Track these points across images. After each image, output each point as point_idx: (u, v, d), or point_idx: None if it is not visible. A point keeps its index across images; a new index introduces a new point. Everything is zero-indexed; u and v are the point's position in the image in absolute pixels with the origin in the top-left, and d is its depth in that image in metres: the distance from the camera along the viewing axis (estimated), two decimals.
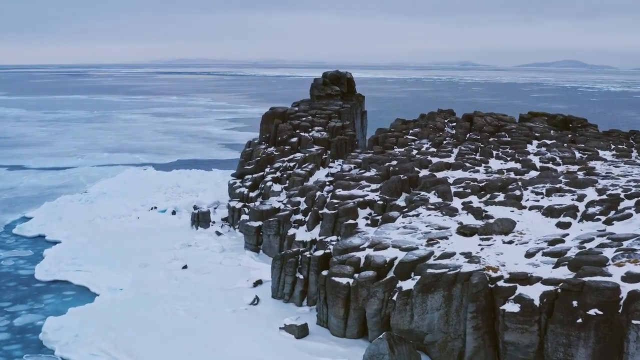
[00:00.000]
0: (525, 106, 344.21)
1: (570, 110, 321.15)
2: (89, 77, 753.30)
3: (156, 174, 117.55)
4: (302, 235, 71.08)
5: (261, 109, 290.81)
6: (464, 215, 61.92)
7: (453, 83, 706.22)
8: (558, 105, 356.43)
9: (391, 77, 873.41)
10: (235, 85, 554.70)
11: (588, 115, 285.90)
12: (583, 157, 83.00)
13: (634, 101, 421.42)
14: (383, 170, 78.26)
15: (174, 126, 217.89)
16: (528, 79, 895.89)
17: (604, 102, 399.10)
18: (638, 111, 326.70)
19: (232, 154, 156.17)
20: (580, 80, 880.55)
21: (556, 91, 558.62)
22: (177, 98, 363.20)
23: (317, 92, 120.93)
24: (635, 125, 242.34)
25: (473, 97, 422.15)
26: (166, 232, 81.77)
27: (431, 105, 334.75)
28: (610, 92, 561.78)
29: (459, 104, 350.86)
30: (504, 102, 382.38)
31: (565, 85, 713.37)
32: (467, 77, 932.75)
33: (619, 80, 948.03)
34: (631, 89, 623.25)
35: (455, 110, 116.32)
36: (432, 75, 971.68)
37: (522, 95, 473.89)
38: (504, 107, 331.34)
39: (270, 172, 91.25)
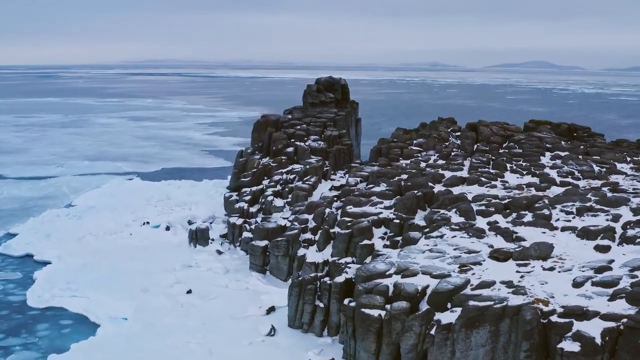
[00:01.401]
0: (504, 109, 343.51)
1: (550, 113, 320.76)
2: (59, 78, 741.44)
3: (143, 185, 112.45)
4: (313, 256, 66.69)
5: (239, 113, 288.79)
6: (493, 237, 57.95)
7: (427, 85, 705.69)
8: (537, 108, 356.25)
9: (364, 78, 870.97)
10: (208, 87, 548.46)
11: (569, 119, 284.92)
12: (602, 170, 79.53)
13: (610, 103, 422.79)
14: (394, 185, 74.12)
15: (153, 131, 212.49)
16: (500, 80, 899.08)
17: (581, 105, 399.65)
18: (617, 114, 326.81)
19: (218, 162, 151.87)
20: (552, 82, 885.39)
21: (531, 93, 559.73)
22: (152, 101, 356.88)
23: (310, 99, 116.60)
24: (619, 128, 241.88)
25: (450, 100, 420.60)
26: (163, 251, 77.02)
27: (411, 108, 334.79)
28: (584, 93, 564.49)
29: (437, 107, 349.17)
30: (482, 104, 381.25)
31: (538, 86, 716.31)
32: (439, 79, 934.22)
33: (590, 81, 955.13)
34: (604, 91, 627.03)
35: (436, 114, 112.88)
36: (405, 77, 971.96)
37: (498, 97, 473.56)
38: (483, 110, 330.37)
39: (270, 186, 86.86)
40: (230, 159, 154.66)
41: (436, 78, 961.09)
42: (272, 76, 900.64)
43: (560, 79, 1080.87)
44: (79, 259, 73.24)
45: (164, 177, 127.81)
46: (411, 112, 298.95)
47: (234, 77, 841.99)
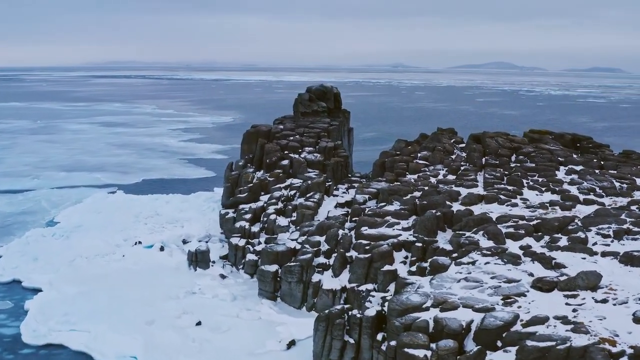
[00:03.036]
0: (477, 112, 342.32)
1: (523, 116, 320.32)
2: (21, 81, 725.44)
3: (128, 200, 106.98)
4: (329, 282, 62.63)
5: (212, 118, 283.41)
6: (529, 263, 54.25)
7: (393, 87, 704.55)
8: (509, 111, 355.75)
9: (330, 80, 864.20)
10: (175, 91, 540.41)
11: (544, 122, 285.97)
12: (622, 186, 76.30)
13: (579, 106, 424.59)
14: (409, 204, 70.15)
15: (127, 138, 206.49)
16: (465, 82, 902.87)
17: (551, 107, 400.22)
18: (590, 117, 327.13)
19: (200, 172, 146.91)
20: (517, 83, 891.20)
21: (499, 95, 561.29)
22: (120, 105, 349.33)
23: (302, 108, 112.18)
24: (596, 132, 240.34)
25: (420, 103, 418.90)
26: (162, 275, 72.15)
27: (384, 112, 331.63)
28: (552, 95, 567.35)
29: (409, 110, 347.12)
30: (453, 108, 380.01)
31: (504, 88, 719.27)
32: (405, 80, 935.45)
33: (553, 82, 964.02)
34: (570, 92, 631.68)
35: (410, 117, 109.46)
36: (370, 79, 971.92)
37: (467, 100, 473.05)
38: (457, 114, 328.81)
39: (270, 203, 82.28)
40: (212, 168, 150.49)
41: (401, 80, 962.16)
42: (237, 78, 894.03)
43: (524, 80, 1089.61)
44: (73, 286, 67.99)
45: (146, 189, 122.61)
46: (384, 116, 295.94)
47: (198, 80, 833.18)
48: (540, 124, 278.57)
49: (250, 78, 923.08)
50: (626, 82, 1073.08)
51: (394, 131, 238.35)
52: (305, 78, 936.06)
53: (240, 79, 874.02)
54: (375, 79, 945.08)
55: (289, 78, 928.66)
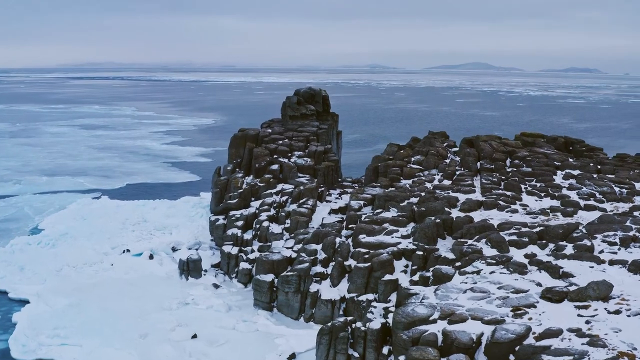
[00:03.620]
0: (458, 114, 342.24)
1: (504, 117, 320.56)
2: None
3: (114, 206, 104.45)
4: (328, 292, 61.01)
5: (193, 120, 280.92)
6: (536, 272, 52.86)
7: (373, 88, 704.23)
8: (490, 112, 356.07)
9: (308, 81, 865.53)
10: (154, 92, 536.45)
11: (526, 123, 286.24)
12: (622, 191, 75.19)
13: (560, 106, 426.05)
14: (407, 211, 68.61)
15: (108, 141, 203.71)
16: (444, 83, 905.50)
17: (532, 108, 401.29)
18: (571, 118, 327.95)
19: (184, 176, 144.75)
20: (495, 84, 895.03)
21: (478, 96, 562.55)
22: (100, 107, 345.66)
23: (291, 111, 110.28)
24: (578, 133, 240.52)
25: (401, 104, 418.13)
26: (153, 284, 70.20)
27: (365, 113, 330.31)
28: (531, 96, 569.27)
29: (391, 111, 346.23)
30: (434, 109, 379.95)
31: (483, 89, 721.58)
32: (384, 81, 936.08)
33: (531, 83, 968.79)
34: (549, 93, 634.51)
35: (392, 119, 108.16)
36: (349, 79, 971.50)
37: (447, 101, 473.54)
38: (439, 115, 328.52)
39: (262, 209, 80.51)
40: (197, 171, 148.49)
41: (380, 81, 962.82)
42: (215, 80, 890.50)
43: (502, 80, 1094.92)
44: (62, 297, 65.77)
45: (131, 194, 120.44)
46: (366, 118, 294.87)
47: (177, 81, 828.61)
48: (522, 125, 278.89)
49: (229, 79, 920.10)
50: (603, 83, 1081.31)
51: (377, 133, 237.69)
52: (284, 79, 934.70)
53: (219, 80, 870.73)
54: (354, 80, 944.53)
55: (267, 79, 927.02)
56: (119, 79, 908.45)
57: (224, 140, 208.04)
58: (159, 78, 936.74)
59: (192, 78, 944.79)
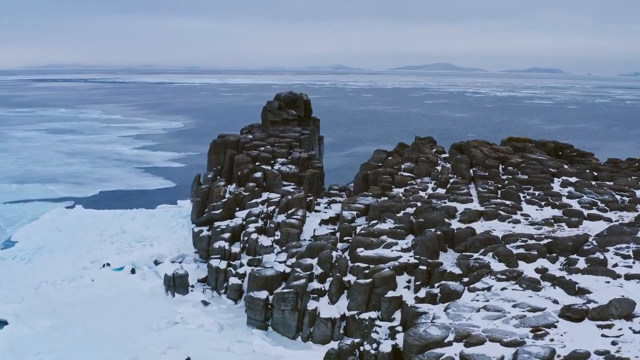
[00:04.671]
0: (428, 115, 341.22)
1: (475, 119, 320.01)
2: None
3: (90, 216, 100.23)
4: (327, 310, 57.93)
5: (161, 123, 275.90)
6: (550, 288, 50.35)
7: (340, 89, 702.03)
8: (460, 113, 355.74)
9: (275, 83, 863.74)
10: (120, 94, 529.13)
11: (497, 125, 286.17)
12: (624, 199, 73.13)
13: (528, 107, 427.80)
14: (405, 222, 65.83)
15: (77, 145, 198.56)
16: (410, 84, 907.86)
17: (501, 109, 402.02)
18: (541, 119, 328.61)
19: (158, 182, 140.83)
20: (461, 85, 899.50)
21: (446, 97, 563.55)
22: (66, 110, 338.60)
23: (272, 117, 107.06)
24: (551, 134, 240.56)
25: (370, 106, 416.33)
26: (138, 302, 66.49)
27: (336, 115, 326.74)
28: (498, 97, 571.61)
29: (361, 113, 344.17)
30: (404, 110, 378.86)
31: (449, 90, 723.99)
32: (350, 82, 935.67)
33: (497, 83, 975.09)
34: (516, 94, 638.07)
35: (364, 122, 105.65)
36: (315, 81, 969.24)
37: (416, 102, 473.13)
38: (410, 117, 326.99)
39: (250, 221, 77.14)
40: (171, 177, 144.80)
41: (346, 82, 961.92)
42: (180, 81, 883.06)
43: (467, 81, 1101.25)
44: (43, 318, 61.85)
45: (105, 202, 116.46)
46: (337, 120, 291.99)
47: (142, 83, 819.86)
48: (493, 126, 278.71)
49: (194, 81, 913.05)
50: (567, 83, 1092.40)
51: (350, 135, 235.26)
52: (249, 81, 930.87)
53: (184, 82, 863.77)
54: (320, 81, 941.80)
55: (232, 81, 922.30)
56: (82, 80, 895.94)
57: (195, 144, 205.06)
58: (123, 80, 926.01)
59: (156, 80, 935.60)
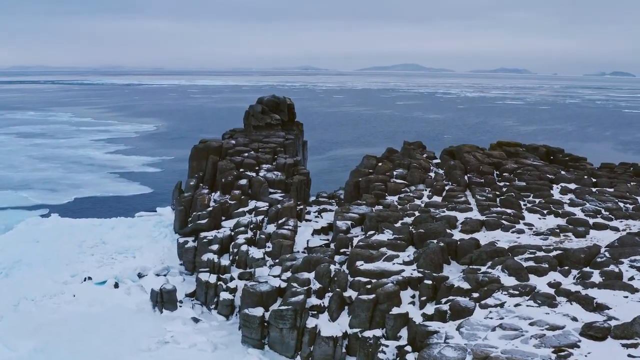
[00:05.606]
0: (402, 117, 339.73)
1: (449, 120, 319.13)
2: None
3: (67, 226, 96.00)
4: (328, 327, 54.90)
5: (133, 126, 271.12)
6: (566, 304, 47.89)
7: (310, 90, 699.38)
8: (433, 114, 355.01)
9: (244, 84, 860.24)
10: (88, 97, 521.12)
11: (473, 126, 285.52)
12: (627, 207, 71.05)
13: (500, 108, 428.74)
14: (404, 233, 63.15)
15: (48, 150, 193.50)
16: (379, 85, 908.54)
17: (474, 110, 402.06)
18: (515, 120, 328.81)
19: (135, 188, 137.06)
20: (430, 85, 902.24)
21: (417, 98, 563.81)
22: (35, 113, 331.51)
23: (255, 121, 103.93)
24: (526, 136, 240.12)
25: (343, 107, 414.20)
26: (124, 320, 62.99)
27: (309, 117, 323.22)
28: (469, 97, 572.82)
29: (334, 115, 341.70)
30: (377, 112, 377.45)
31: (419, 90, 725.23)
32: (319, 83, 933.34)
33: (465, 84, 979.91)
34: (485, 94, 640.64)
35: (339, 124, 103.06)
36: (284, 82, 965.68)
37: (388, 103, 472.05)
38: (384, 118, 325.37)
39: (239, 231, 73.98)
40: (147, 183, 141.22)
41: (315, 83, 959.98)
42: (149, 83, 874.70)
43: (436, 82, 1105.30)
44: (25, 338, 58.14)
45: (81, 210, 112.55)
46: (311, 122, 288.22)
47: (110, 84, 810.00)
48: (469, 128, 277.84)
49: (162, 82, 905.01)
50: (536, 83, 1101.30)
51: (326, 138, 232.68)
52: (218, 82, 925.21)
53: (153, 84, 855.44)
54: (289, 82, 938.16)
55: (201, 82, 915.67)
56: (50, 82, 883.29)
57: (169, 148, 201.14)
58: (91, 82, 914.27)
59: (125, 81, 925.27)
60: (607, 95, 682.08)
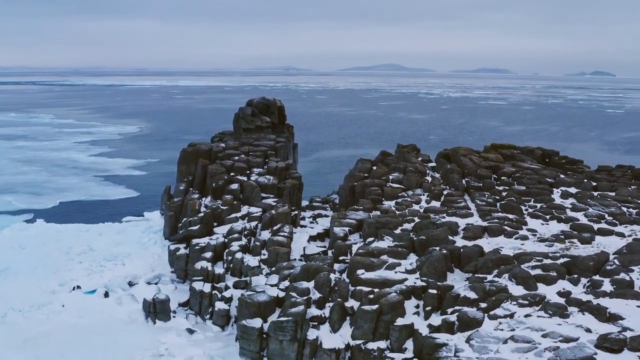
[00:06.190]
0: (386, 117, 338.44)
1: (434, 121, 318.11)
2: None
3: (54, 232, 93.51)
4: (330, 339, 53.06)
5: (117, 128, 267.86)
6: (578, 315, 46.35)
7: (292, 91, 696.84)
8: (418, 115, 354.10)
9: (227, 84, 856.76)
10: (71, 98, 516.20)
11: (457, 127, 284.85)
12: (630, 211, 69.69)
13: (484, 108, 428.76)
14: (405, 240, 61.44)
15: (31, 153, 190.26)
16: (362, 85, 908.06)
17: (457, 110, 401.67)
18: (499, 120, 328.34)
19: (120, 191, 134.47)
20: (413, 85, 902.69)
21: (400, 98, 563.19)
22: (16, 115, 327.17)
23: (245, 124, 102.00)
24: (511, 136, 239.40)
25: (326, 108, 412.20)
26: (116, 331, 60.96)
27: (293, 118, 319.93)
28: (452, 98, 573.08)
29: (318, 116, 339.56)
30: (361, 112, 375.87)
31: (402, 91, 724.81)
32: (301, 84, 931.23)
33: (448, 84, 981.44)
34: (468, 94, 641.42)
35: (323, 125, 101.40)
36: (266, 82, 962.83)
37: (371, 104, 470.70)
38: (368, 119, 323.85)
39: (233, 238, 71.97)
40: (133, 186, 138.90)
41: (297, 83, 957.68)
42: (131, 84, 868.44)
43: (418, 82, 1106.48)
44: (14, 352, 55.95)
45: (67, 215, 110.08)
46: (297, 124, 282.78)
47: (91, 85, 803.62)
48: (454, 128, 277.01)
49: (145, 83, 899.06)
50: (517, 83, 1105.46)
51: (312, 139, 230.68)
52: (200, 83, 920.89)
53: (135, 84, 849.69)
54: (271, 83, 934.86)
55: (183, 83, 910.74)
56: (31, 83, 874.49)
57: (154, 150, 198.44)
58: (73, 82, 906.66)
59: (106, 82, 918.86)
60: (589, 95, 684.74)
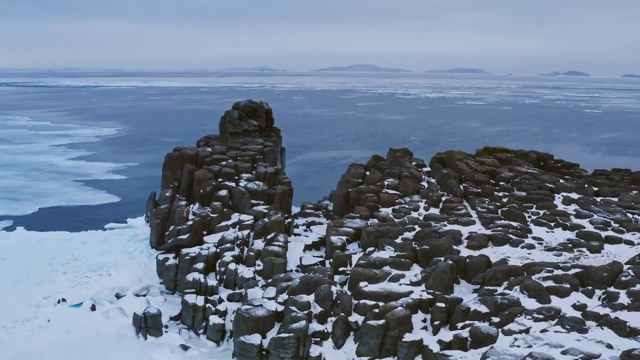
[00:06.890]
0: (365, 118, 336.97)
1: (413, 122, 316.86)
2: None
3: (35, 241, 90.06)
4: (332, 355, 50.73)
5: (94, 130, 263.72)
6: (597, 329, 44.32)
7: (269, 92, 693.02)
8: (396, 116, 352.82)
9: (202, 85, 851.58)
10: (45, 99, 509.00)
11: (437, 128, 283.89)
12: (636, 218, 67.94)
13: (462, 109, 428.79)
14: (407, 250, 59.18)
15: (7, 156, 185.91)
16: (338, 85, 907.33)
17: (436, 111, 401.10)
18: (479, 121, 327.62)
19: (101, 196, 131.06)
20: (389, 86, 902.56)
21: (377, 99, 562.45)
22: None
23: (231, 127, 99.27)
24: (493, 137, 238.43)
25: (304, 109, 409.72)
26: (105, 347, 58.06)
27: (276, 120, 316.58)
28: (429, 98, 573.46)
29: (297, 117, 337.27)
30: (339, 114, 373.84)
31: (379, 91, 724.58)
32: (277, 84, 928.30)
33: (424, 84, 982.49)
34: (445, 95, 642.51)
35: (303, 126, 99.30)
36: (241, 83, 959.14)
37: (349, 104, 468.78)
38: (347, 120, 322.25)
39: (225, 248, 69.32)
40: (113, 191, 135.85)
41: (273, 84, 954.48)
42: (105, 85, 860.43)
43: (394, 82, 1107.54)
44: None
45: (47, 221, 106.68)
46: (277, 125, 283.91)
47: (66, 87, 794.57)
48: (434, 129, 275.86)
49: (119, 84, 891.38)
50: (492, 83, 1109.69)
51: (293, 141, 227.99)
52: (175, 83, 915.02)
53: (109, 85, 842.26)
54: (247, 84, 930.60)
55: (158, 83, 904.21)
56: (4, 84, 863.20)
57: (133, 154, 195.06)
58: (47, 84, 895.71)
59: (81, 83, 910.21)
60: (566, 95, 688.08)
